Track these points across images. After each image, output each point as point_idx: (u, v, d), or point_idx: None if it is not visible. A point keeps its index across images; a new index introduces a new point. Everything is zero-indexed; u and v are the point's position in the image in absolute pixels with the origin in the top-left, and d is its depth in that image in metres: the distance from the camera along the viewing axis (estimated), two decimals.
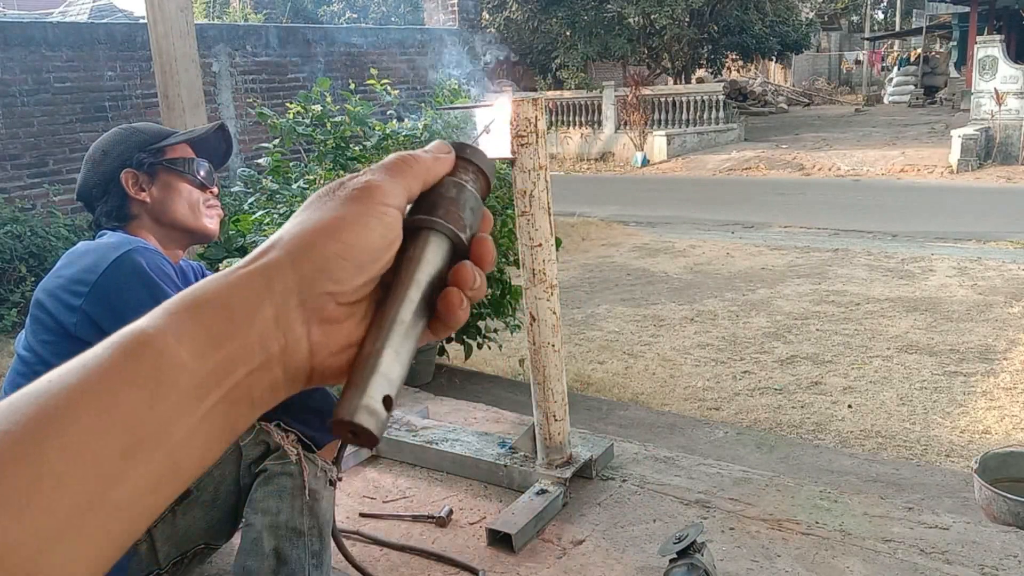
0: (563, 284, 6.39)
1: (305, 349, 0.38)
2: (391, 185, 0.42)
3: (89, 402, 0.31)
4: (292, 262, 0.38)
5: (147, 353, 0.33)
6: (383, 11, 19.36)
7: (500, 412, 2.97)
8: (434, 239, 0.42)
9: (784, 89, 27.73)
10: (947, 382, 4.53)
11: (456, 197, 0.43)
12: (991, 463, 2.82)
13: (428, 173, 0.43)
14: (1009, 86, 12.86)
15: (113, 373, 0.32)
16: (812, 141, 16.18)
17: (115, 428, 0.31)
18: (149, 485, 0.32)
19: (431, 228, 0.42)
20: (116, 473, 0.31)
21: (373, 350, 0.39)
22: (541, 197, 2.06)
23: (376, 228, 0.40)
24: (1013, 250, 7.85)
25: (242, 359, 0.35)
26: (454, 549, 2.04)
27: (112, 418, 0.31)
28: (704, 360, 5.09)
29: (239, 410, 0.36)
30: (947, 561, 1.87)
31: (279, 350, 0.37)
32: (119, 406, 0.32)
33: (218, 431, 0.35)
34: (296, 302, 0.37)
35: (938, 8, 24.08)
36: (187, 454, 0.34)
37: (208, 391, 0.34)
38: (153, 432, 0.32)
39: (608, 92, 16.95)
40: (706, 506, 2.17)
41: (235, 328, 0.36)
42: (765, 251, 8.27)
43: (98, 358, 0.33)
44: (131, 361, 0.33)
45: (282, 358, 0.37)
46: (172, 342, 0.34)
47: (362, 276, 0.39)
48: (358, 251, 0.39)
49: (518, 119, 2.01)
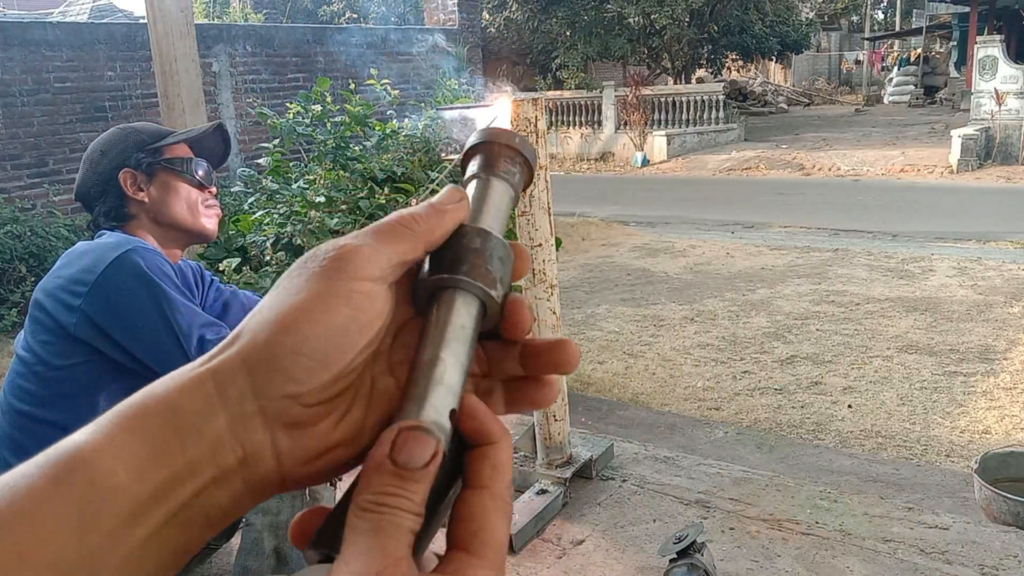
0: (563, 284, 6.39)
1: (270, 459, 0.33)
2: (372, 252, 0.34)
3: (7, 536, 0.28)
4: (244, 362, 0.32)
5: (78, 476, 0.29)
6: (383, 11, 19.36)
7: None
8: (460, 299, 0.35)
9: (784, 89, 27.74)
10: (947, 382, 4.53)
11: (481, 248, 0.35)
12: (991, 463, 2.82)
13: (433, 233, 0.36)
14: (1009, 86, 12.86)
15: (38, 501, 0.29)
16: (812, 141, 16.18)
17: (33, 567, 0.28)
18: None
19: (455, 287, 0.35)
20: None
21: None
22: (541, 197, 2.06)
23: (340, 310, 0.33)
24: (1013, 250, 7.85)
25: (189, 476, 0.31)
26: None
27: (34, 553, 0.28)
28: (704, 360, 5.09)
29: (190, 531, 0.32)
30: (947, 561, 1.87)
31: (236, 462, 0.32)
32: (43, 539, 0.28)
33: (166, 555, 0.31)
34: (254, 408, 0.32)
35: (938, 8, 24.08)
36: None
37: (148, 515, 0.30)
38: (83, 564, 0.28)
39: (608, 92, 16.95)
40: (706, 506, 2.17)
41: (182, 441, 0.31)
42: (765, 251, 8.27)
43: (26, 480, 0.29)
44: (60, 486, 0.29)
45: (241, 471, 0.32)
46: (109, 460, 0.30)
47: (326, 372, 0.33)
48: (318, 343, 0.33)
49: (518, 119, 2.01)
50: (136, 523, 0.30)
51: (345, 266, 0.33)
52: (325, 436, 0.34)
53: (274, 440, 0.33)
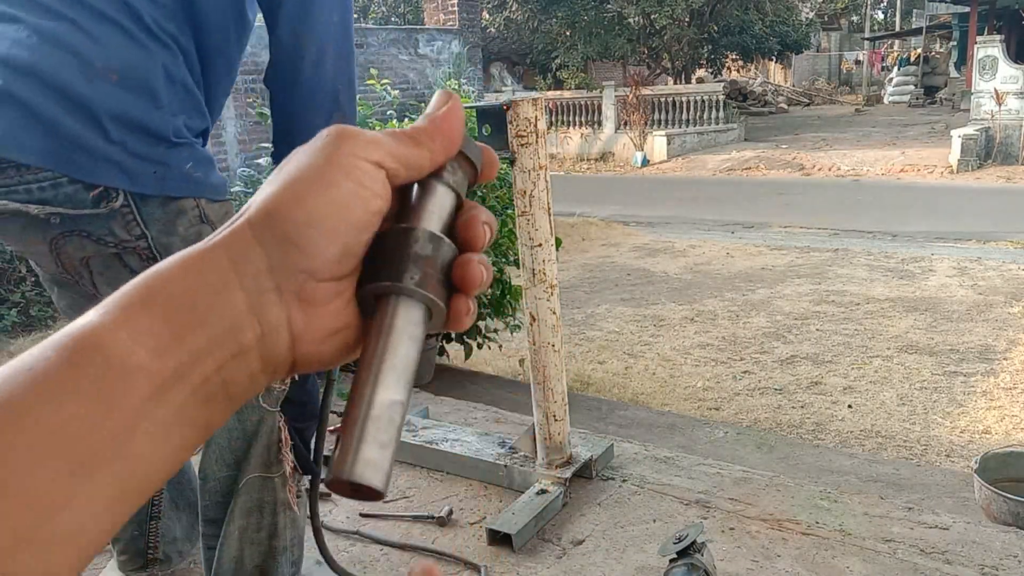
0: (563, 284, 6.39)
1: (286, 337, 0.34)
2: (372, 138, 0.35)
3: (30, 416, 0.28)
4: (256, 237, 0.33)
5: (96, 357, 0.29)
6: (383, 11, 19.35)
7: (500, 412, 2.97)
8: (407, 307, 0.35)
9: (784, 89, 27.74)
10: (947, 382, 4.53)
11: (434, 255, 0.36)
12: (991, 463, 2.82)
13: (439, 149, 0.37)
14: (1009, 86, 12.86)
15: (58, 382, 0.28)
16: (812, 141, 16.19)
17: (62, 445, 0.28)
18: (107, 500, 0.29)
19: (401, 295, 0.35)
20: (63, 496, 0.27)
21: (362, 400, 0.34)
22: (541, 197, 2.06)
23: (343, 184, 0.34)
24: (1013, 250, 7.85)
25: (209, 353, 0.31)
26: (454, 549, 2.04)
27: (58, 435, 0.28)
28: (704, 360, 5.09)
29: (213, 407, 0.32)
30: (947, 561, 1.87)
31: (254, 339, 0.33)
32: (67, 419, 0.28)
33: (189, 431, 0.31)
34: (270, 285, 0.33)
35: (938, 8, 24.09)
36: (151, 462, 0.30)
37: (171, 393, 0.30)
38: (108, 445, 0.29)
39: (608, 92, 16.95)
40: (706, 506, 2.17)
41: (199, 319, 0.31)
42: (765, 251, 8.28)
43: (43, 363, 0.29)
44: (77, 368, 0.29)
45: (259, 347, 0.33)
46: (126, 341, 0.30)
47: (336, 246, 0.34)
48: (326, 215, 0.33)
49: (518, 119, 2.01)
50: (159, 401, 0.30)
51: (343, 143, 0.34)
52: (335, 316, 0.35)
53: (290, 318, 0.33)
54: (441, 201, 0.38)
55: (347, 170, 0.34)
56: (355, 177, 0.34)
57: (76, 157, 1.08)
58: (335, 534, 2.12)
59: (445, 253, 0.36)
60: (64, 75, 1.06)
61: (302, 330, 0.34)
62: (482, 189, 3.64)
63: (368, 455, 0.33)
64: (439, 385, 3.82)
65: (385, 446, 0.33)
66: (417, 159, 0.36)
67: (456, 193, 0.38)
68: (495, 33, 21.30)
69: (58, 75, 1.06)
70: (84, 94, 1.07)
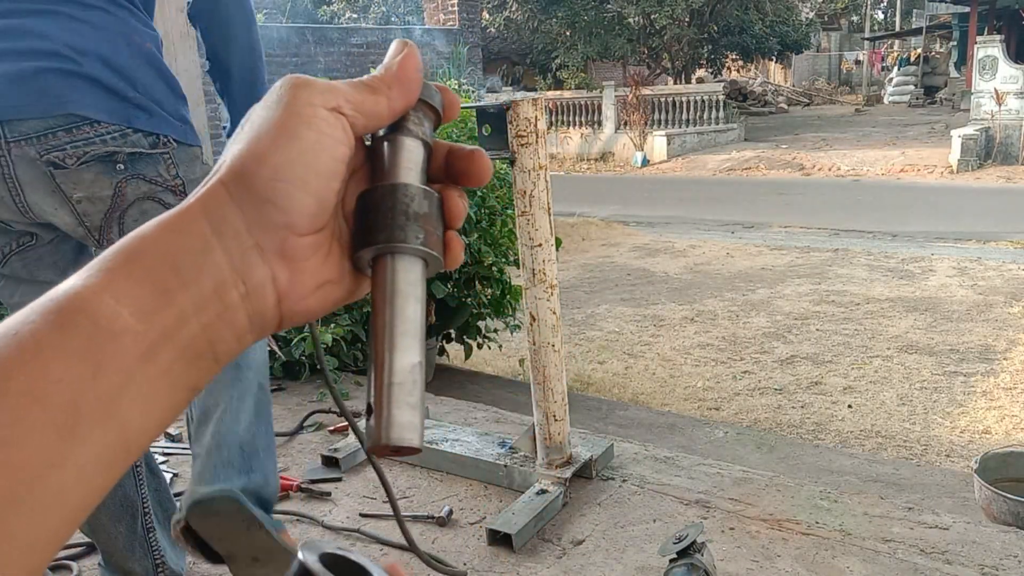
0: (563, 284, 6.39)
1: (271, 294, 0.34)
2: (328, 85, 0.35)
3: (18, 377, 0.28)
4: (231, 196, 0.33)
5: (82, 321, 0.29)
6: (383, 11, 19.35)
7: (500, 412, 2.97)
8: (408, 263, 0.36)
9: (784, 89, 27.74)
10: (947, 382, 4.53)
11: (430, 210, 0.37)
12: (991, 463, 2.82)
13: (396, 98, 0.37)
14: (1009, 86, 12.87)
15: (44, 345, 0.28)
16: (812, 141, 16.19)
17: (50, 407, 0.28)
18: (95, 463, 0.29)
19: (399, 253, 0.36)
20: (52, 459, 0.28)
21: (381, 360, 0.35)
22: (541, 197, 2.06)
23: (305, 134, 0.34)
24: (1013, 250, 7.85)
25: (195, 314, 0.32)
26: (454, 549, 2.04)
27: (46, 398, 0.28)
28: (704, 360, 5.09)
29: (200, 367, 0.32)
30: (947, 561, 1.87)
31: (239, 297, 0.33)
32: (55, 381, 0.28)
33: (178, 391, 0.32)
34: (251, 243, 0.33)
35: (938, 8, 24.09)
36: (139, 424, 0.30)
37: (159, 354, 0.30)
38: (97, 407, 0.29)
39: (608, 92, 16.95)
40: (706, 506, 2.17)
41: (183, 280, 0.31)
42: (765, 251, 8.28)
43: (28, 327, 0.29)
44: (64, 331, 0.29)
45: (245, 306, 0.33)
46: (111, 304, 0.30)
47: (308, 196, 0.34)
48: (293, 168, 0.33)
49: (518, 119, 2.01)
50: (148, 361, 0.30)
51: (300, 93, 0.34)
52: (317, 271, 0.35)
53: (274, 275, 0.34)
54: (414, 154, 0.38)
55: (307, 120, 0.34)
56: (315, 126, 0.34)
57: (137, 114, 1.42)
58: (335, 533, 2.12)
59: (437, 205, 0.37)
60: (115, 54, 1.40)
61: (286, 286, 0.34)
62: (482, 189, 3.64)
63: (401, 418, 0.35)
64: (439, 385, 3.82)
65: (414, 407, 0.35)
66: (374, 106, 0.36)
67: (426, 143, 0.39)
68: (495, 33, 21.31)
69: (112, 55, 1.39)
70: (129, 66, 1.42)
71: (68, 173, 1.38)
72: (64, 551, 2.03)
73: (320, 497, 2.31)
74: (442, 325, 3.74)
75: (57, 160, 1.36)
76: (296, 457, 2.58)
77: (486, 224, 3.61)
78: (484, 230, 3.61)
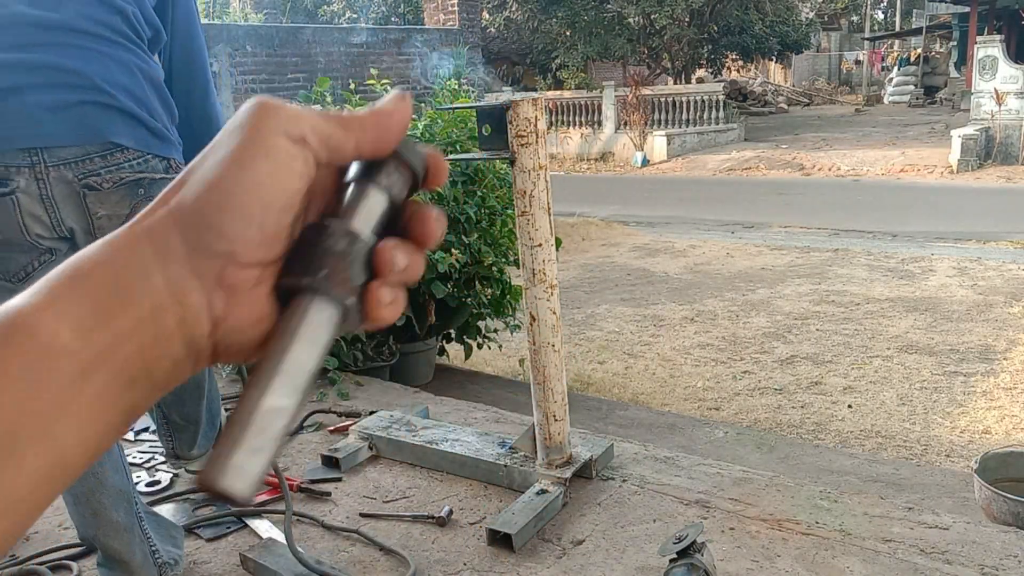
0: (563, 284, 6.39)
1: (206, 322, 0.33)
2: (296, 113, 0.34)
3: None
4: (176, 222, 0.32)
5: (20, 338, 0.29)
6: (383, 11, 19.36)
7: (500, 412, 2.97)
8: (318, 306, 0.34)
9: (784, 89, 27.74)
10: (947, 382, 4.53)
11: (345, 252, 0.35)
12: (991, 463, 2.82)
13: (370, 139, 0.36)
14: (1009, 86, 12.87)
15: None
16: (812, 141, 16.19)
17: None
18: (30, 485, 0.29)
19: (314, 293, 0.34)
20: None
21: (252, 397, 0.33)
22: (541, 197, 2.06)
23: (261, 166, 0.33)
24: (1013, 250, 7.85)
25: (131, 336, 0.31)
26: (454, 549, 2.04)
27: None
28: (704, 360, 5.09)
29: (136, 391, 0.32)
30: (947, 561, 1.87)
31: (175, 323, 0.32)
32: None
33: (115, 415, 0.31)
34: (188, 269, 0.32)
35: (938, 8, 24.09)
36: (76, 444, 0.30)
37: (95, 375, 0.30)
38: (33, 426, 0.29)
39: (608, 92, 16.95)
40: (706, 506, 2.17)
41: (122, 300, 0.31)
42: (765, 251, 8.28)
43: None
44: (3, 350, 0.29)
45: (180, 332, 0.32)
46: (51, 322, 0.30)
47: (252, 227, 0.33)
48: (241, 198, 0.32)
49: (518, 119, 2.01)
50: (84, 382, 0.30)
51: (265, 120, 0.33)
52: (258, 304, 0.34)
53: (210, 302, 0.33)
54: (370, 202, 0.37)
55: (266, 149, 0.33)
56: (273, 156, 0.33)
57: (155, 141, 1.59)
58: (335, 533, 2.12)
59: (359, 249, 0.35)
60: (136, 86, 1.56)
61: (221, 316, 0.33)
62: (482, 189, 3.64)
63: (238, 462, 0.32)
64: (439, 385, 3.82)
65: (258, 453, 0.32)
66: (340, 142, 0.35)
67: (388, 196, 0.37)
68: (495, 33, 21.31)
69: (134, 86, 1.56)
70: (146, 97, 1.58)
71: (100, 195, 1.54)
72: (64, 551, 2.04)
73: (320, 497, 2.31)
74: (442, 325, 3.74)
75: (94, 184, 1.52)
76: (296, 457, 2.58)
77: (486, 224, 3.61)
78: (484, 230, 3.61)
